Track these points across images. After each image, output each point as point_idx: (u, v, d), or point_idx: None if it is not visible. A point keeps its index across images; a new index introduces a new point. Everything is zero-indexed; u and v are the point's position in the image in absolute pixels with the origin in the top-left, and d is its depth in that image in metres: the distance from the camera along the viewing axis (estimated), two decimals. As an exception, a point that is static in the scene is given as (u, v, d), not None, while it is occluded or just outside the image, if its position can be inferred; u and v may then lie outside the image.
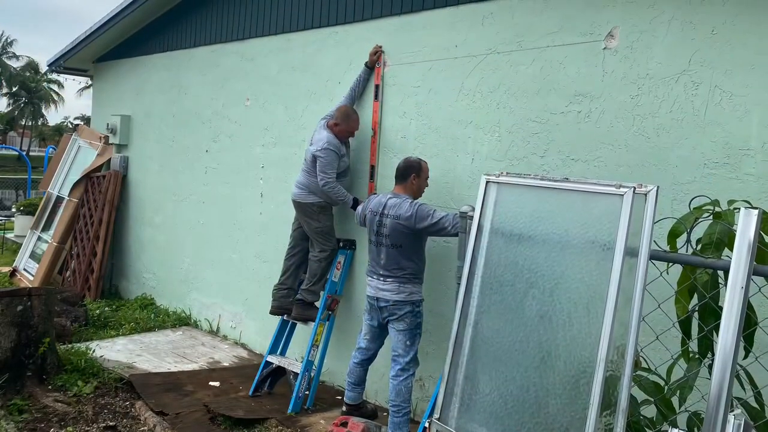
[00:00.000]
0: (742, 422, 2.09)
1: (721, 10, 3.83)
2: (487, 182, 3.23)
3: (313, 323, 5.63)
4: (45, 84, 66.22)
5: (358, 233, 5.76)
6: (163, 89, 8.80)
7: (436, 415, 3.15)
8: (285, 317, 5.89)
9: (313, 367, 5.61)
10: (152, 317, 8.12)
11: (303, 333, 6.02)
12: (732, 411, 2.18)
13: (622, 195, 2.67)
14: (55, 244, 9.56)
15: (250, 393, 5.76)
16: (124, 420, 5.23)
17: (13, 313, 5.41)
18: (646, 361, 2.95)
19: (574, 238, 2.84)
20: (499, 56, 4.91)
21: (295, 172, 6.07)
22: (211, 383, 6.00)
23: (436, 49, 5.33)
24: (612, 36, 4.31)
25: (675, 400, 2.65)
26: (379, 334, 4.99)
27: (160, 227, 8.81)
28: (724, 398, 2.16)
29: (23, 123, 68.30)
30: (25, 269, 10.14)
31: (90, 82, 11.70)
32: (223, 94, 7.71)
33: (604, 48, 4.34)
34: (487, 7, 5.00)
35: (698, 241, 2.61)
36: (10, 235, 14.75)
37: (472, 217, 3.34)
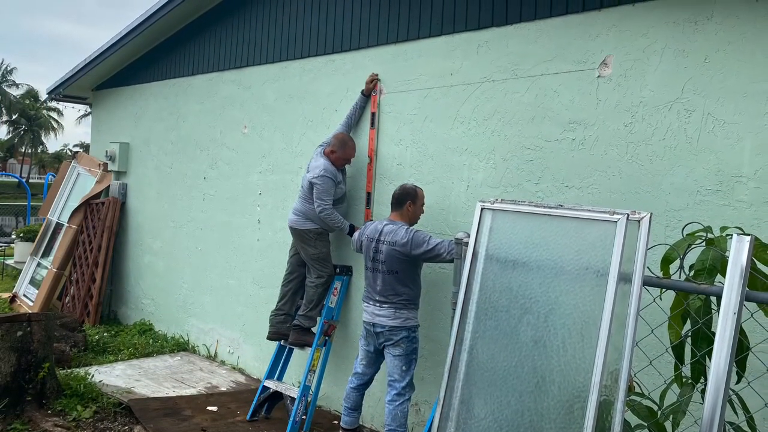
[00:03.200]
0: (735, 447, 2.11)
1: (714, 38, 3.88)
2: (482, 209, 3.25)
3: (310, 348, 5.62)
4: (44, 112, 66.66)
5: (355, 259, 5.78)
6: (162, 117, 8.86)
7: (432, 441, 3.14)
8: (282, 342, 5.90)
9: (310, 392, 5.60)
10: (151, 342, 8.12)
11: (300, 358, 6.02)
12: (725, 436, 2.19)
13: (616, 221, 2.69)
14: (54, 270, 9.56)
15: (248, 417, 5.75)
16: (121, 447, 5.22)
17: (13, 338, 5.41)
18: (639, 385, 2.96)
19: (569, 264, 2.86)
20: (494, 84, 4.96)
21: (292, 198, 6.11)
22: (209, 408, 5.98)
23: (432, 77, 5.39)
24: (606, 64, 4.36)
25: (668, 425, 2.66)
26: (375, 359, 5.00)
27: (159, 253, 8.83)
28: (717, 423, 2.17)
29: (23, 150, 68.58)
30: (24, 295, 10.12)
31: (89, 110, 11.76)
32: (220, 122, 7.76)
33: (598, 76, 4.39)
34: (482, 36, 5.06)
35: (691, 267, 2.63)
36: (9, 261, 14.73)
37: (467, 244, 3.36)
